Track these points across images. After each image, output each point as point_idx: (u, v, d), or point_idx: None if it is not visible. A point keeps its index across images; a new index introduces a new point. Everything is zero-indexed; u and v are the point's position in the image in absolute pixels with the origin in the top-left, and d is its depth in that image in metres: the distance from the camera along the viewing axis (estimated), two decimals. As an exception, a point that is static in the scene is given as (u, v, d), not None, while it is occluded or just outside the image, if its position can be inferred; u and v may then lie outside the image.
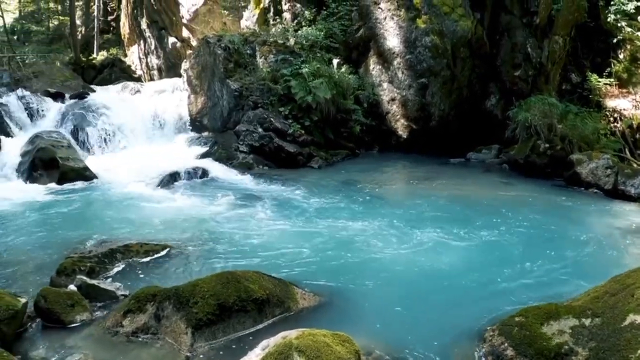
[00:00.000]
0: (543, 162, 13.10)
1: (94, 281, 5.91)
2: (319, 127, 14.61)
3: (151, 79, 25.57)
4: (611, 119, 14.91)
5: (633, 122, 14.57)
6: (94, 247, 7.02)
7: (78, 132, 14.45)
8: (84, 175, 11.81)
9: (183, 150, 14.52)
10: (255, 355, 4.23)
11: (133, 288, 5.85)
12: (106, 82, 22.80)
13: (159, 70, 25.98)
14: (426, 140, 15.37)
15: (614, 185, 11.51)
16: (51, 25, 32.59)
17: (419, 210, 9.72)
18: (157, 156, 13.58)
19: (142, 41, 26.85)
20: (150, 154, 13.83)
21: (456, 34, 14.85)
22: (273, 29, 17.26)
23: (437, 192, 11.13)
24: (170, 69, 24.95)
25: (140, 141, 15.05)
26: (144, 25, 26.45)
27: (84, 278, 5.87)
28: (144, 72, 26.89)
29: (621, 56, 15.98)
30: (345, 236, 8.17)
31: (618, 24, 15.67)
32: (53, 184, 11.36)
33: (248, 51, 15.93)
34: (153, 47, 26.22)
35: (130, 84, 19.19)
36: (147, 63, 26.59)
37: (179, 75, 18.51)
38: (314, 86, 14.30)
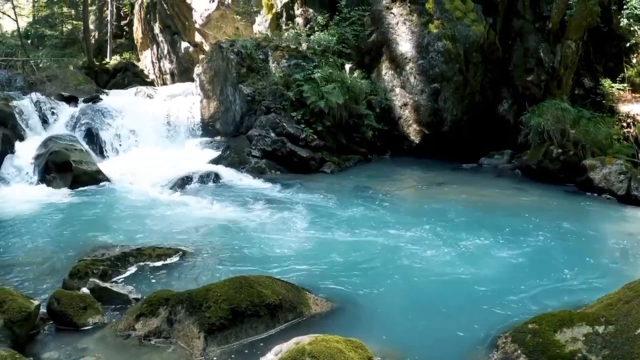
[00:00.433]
0: (556, 168, 13.03)
1: (107, 284, 5.92)
2: (332, 132, 14.60)
3: (164, 83, 25.70)
4: (624, 124, 14.82)
5: (646, 127, 14.50)
6: (107, 250, 7.04)
7: (91, 136, 14.50)
8: (97, 178, 11.85)
9: (195, 154, 14.52)
10: (267, 360, 4.24)
11: (145, 292, 5.87)
12: (119, 86, 22.93)
13: (172, 74, 26.12)
14: (438, 145, 15.32)
15: (627, 190, 11.43)
16: (65, 29, 32.83)
17: (432, 216, 9.66)
18: (170, 160, 13.59)
19: (155, 46, 27.01)
20: (162, 158, 13.83)
21: (468, 39, 14.82)
22: (285, 34, 17.28)
23: (450, 198, 11.08)
24: (182, 74, 25.06)
25: (152, 145, 15.07)
26: (157, 30, 26.60)
27: (97, 281, 5.88)
28: (157, 77, 27.04)
29: (634, 60, 15.90)
30: (357, 241, 8.15)
31: (631, 28, 15.57)
32: (66, 187, 11.40)
33: (261, 56, 15.95)
34: (166, 52, 26.36)
35: (143, 88, 19.27)
36: (160, 67, 26.74)
37: (192, 79, 18.55)
38: (327, 91, 14.30)
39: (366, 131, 15.07)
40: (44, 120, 14.94)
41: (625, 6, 15.46)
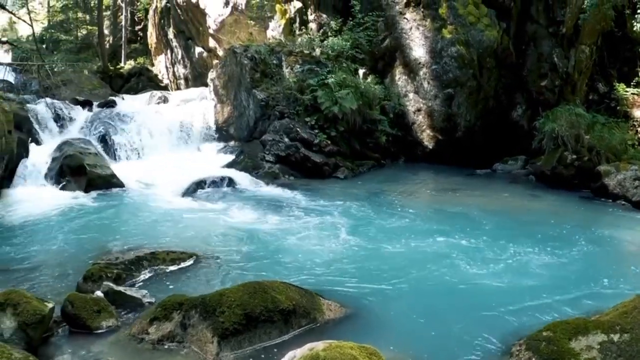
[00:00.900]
0: (570, 174, 12.92)
1: (121, 288, 5.93)
2: (345, 138, 14.59)
3: (178, 88, 25.81)
4: (639, 129, 14.70)
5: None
6: (121, 254, 7.04)
7: (105, 140, 14.57)
8: (111, 182, 11.88)
9: (209, 159, 14.57)
10: (281, 366, 4.23)
11: (159, 296, 5.87)
12: (133, 91, 23.08)
13: (186, 79, 26.23)
14: (452, 151, 15.28)
15: (643, 197, 11.34)
16: (79, 34, 33.07)
17: (446, 222, 9.62)
18: (184, 164, 13.64)
19: (169, 51, 27.14)
20: (176, 162, 13.89)
21: (482, 44, 14.76)
22: (299, 39, 17.31)
23: (464, 204, 11.03)
24: (196, 79, 25.17)
25: (166, 149, 15.14)
26: (171, 35, 26.73)
27: (111, 284, 5.90)
28: (171, 81, 27.17)
29: (649, 65, 15.80)
30: (371, 247, 8.12)
31: (645, 32, 15.48)
32: (80, 191, 11.42)
33: (274, 61, 15.97)
34: (180, 57, 26.48)
35: (157, 93, 19.40)
36: (174, 72, 26.86)
37: (206, 84, 18.62)
38: (340, 96, 14.30)
39: (380, 136, 15.05)
40: (59, 124, 15.04)
41: (639, 10, 15.36)
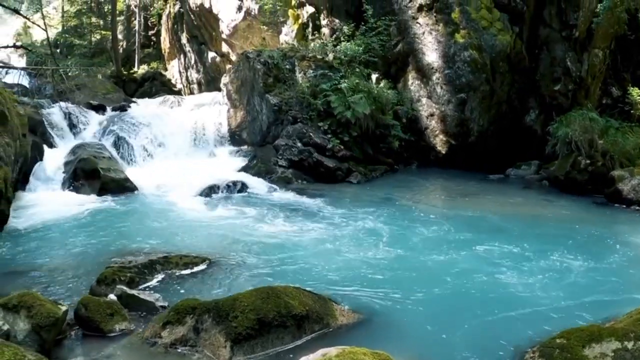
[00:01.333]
0: (584, 179, 12.85)
1: (134, 291, 5.94)
2: (358, 142, 14.59)
3: (191, 93, 25.95)
4: (653, 134, 14.60)
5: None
6: (134, 258, 7.05)
7: (119, 144, 14.66)
8: (125, 186, 11.93)
9: (222, 163, 14.60)
10: (295, 371, 4.20)
11: (172, 300, 5.86)
12: (147, 95, 23.25)
13: (199, 84, 26.35)
14: (465, 155, 15.24)
15: (657, 203, 11.25)
16: (93, 39, 33.32)
17: (459, 227, 9.56)
18: (197, 169, 13.68)
19: (182, 55, 27.29)
20: (189, 167, 13.94)
21: (495, 48, 14.72)
22: (312, 44, 17.33)
23: (477, 210, 10.98)
24: (209, 83, 25.29)
25: (179, 153, 15.21)
26: (184, 40, 26.89)
27: (124, 288, 5.90)
28: (184, 86, 27.31)
29: (662, 69, 15.71)
30: (385, 253, 8.08)
31: (659, 36, 15.41)
32: (94, 195, 11.48)
33: (287, 66, 16.01)
34: (193, 62, 26.62)
35: (170, 97, 19.50)
36: (187, 77, 27.00)
37: (219, 89, 18.70)
38: (353, 101, 14.29)
39: (392, 141, 15.03)
40: (73, 128, 15.15)
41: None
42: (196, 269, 7.09)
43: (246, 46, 21.52)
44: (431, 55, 15.28)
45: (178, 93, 25.29)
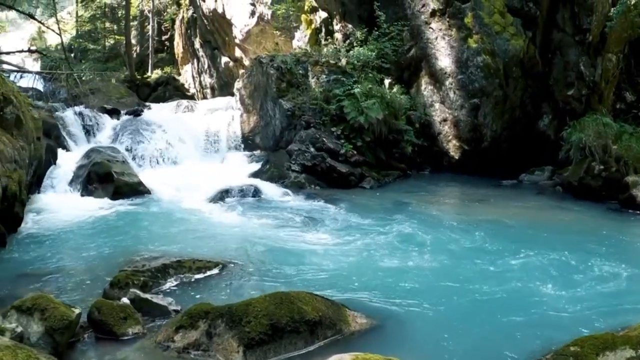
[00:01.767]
0: (597, 185, 12.68)
1: (147, 295, 5.94)
2: (371, 148, 14.56)
3: (204, 97, 26.06)
4: (667, 139, 14.46)
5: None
6: (147, 262, 7.06)
7: (133, 148, 14.72)
8: (138, 190, 11.96)
9: (235, 168, 14.62)
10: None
11: (185, 304, 5.87)
12: (160, 100, 23.34)
13: (212, 88, 26.46)
14: (478, 161, 15.16)
15: (672, 209, 11.14)
16: (107, 44, 33.59)
17: (474, 233, 9.51)
18: (210, 173, 13.72)
19: (196, 60, 27.42)
20: (202, 171, 13.98)
21: (508, 53, 14.64)
22: (325, 49, 17.35)
23: (491, 216, 10.91)
24: (223, 88, 25.38)
25: (193, 158, 15.25)
26: (198, 44, 27.02)
27: (137, 292, 5.91)
28: (197, 91, 27.43)
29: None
30: (398, 258, 8.04)
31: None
32: (107, 198, 11.52)
33: (300, 71, 16.02)
34: (206, 66, 26.74)
35: (184, 102, 19.60)
36: (201, 81, 27.12)
37: (232, 93, 18.75)
38: (366, 106, 14.27)
39: (405, 147, 14.99)
40: (87, 131, 15.25)
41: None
42: (209, 274, 7.10)
43: (259, 51, 21.59)
44: (444, 60, 15.24)
45: (191, 98, 25.40)
